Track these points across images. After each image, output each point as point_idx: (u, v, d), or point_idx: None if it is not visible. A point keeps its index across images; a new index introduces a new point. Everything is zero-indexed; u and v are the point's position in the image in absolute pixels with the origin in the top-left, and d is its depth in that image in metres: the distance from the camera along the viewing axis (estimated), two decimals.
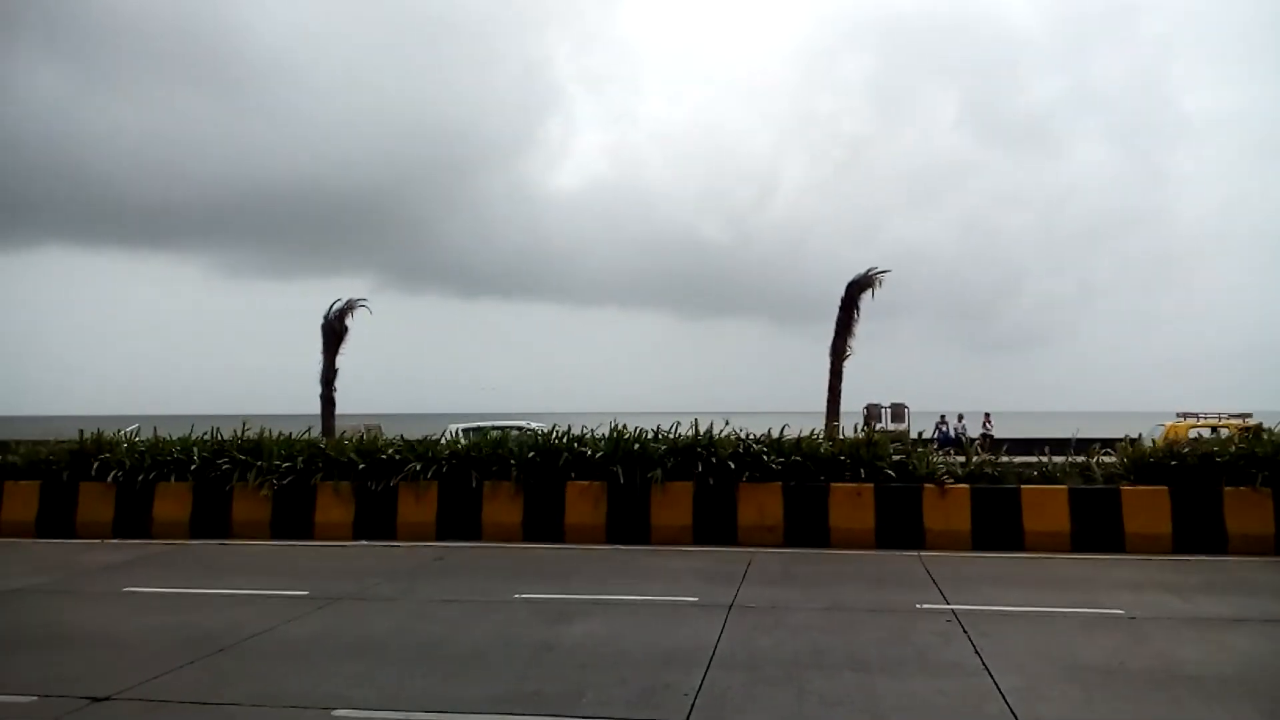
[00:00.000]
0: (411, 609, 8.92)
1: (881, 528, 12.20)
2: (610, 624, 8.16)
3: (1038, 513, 12.02)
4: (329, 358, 24.25)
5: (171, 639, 7.76)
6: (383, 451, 13.81)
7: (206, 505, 13.55)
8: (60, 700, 6.16)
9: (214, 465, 13.76)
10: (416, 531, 13.05)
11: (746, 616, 8.38)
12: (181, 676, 6.72)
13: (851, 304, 22.45)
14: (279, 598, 9.32)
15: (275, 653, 7.36)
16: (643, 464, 12.85)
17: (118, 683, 6.50)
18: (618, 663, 6.95)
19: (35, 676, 6.68)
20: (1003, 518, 12.06)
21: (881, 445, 13.13)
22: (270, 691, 6.34)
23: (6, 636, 8.05)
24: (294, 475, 13.49)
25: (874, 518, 12.25)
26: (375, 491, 13.33)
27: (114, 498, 13.66)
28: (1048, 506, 12.04)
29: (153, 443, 14.41)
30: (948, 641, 7.56)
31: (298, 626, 8.21)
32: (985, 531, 12.02)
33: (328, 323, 24.24)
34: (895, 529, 12.16)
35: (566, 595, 9.29)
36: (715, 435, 13.25)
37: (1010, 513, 12.06)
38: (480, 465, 13.30)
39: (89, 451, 14.17)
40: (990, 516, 12.09)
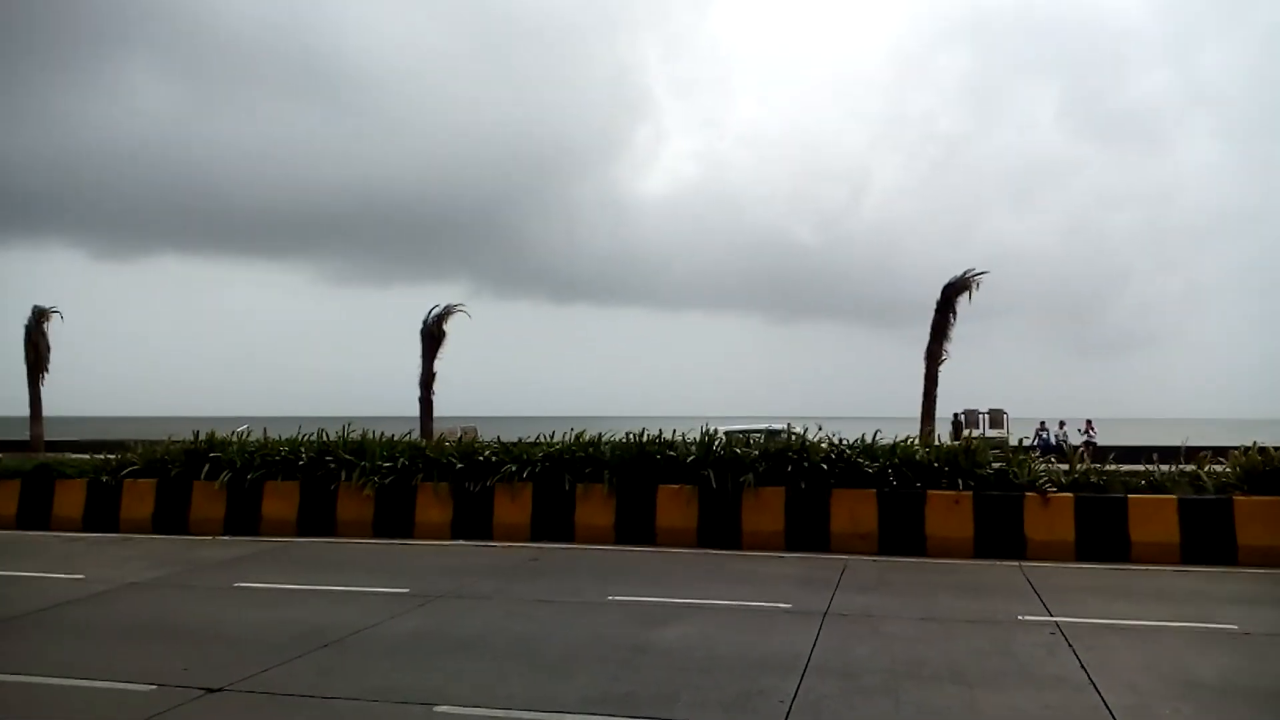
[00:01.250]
0: (508, 608, 9.09)
1: (980, 536, 11.94)
2: (703, 628, 8.18)
3: (1145, 523, 11.60)
4: (427, 362, 24.88)
5: (280, 634, 8.07)
6: (480, 453, 14.10)
7: (313, 504, 14.03)
8: (177, 690, 6.46)
9: (320, 465, 14.25)
10: (511, 532, 13.28)
11: (841, 624, 8.31)
12: (290, 670, 6.98)
13: (947, 307, 22.02)
14: (381, 595, 9.60)
15: (379, 649, 7.60)
16: (734, 468, 12.83)
17: (230, 675, 6.79)
18: (711, 667, 6.97)
19: (153, 667, 7.01)
20: (1108, 528, 11.67)
21: (980, 452, 12.84)
22: (375, 686, 6.55)
23: (126, 628, 8.48)
24: (395, 475, 13.87)
25: (972, 526, 11.99)
26: (472, 492, 13.61)
27: (225, 496, 14.25)
28: (1155, 517, 11.60)
29: (262, 443, 14.99)
30: (1051, 654, 7.37)
31: (400, 623, 8.45)
32: (1089, 542, 11.65)
33: (427, 328, 24.87)
34: (994, 538, 11.88)
35: (659, 598, 9.34)
36: (807, 440, 13.16)
37: (1116, 523, 11.67)
38: (573, 468, 13.46)
39: (202, 451, 14.82)
40: (1095, 526, 11.71)
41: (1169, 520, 11.55)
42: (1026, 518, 11.89)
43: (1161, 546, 11.44)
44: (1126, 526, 11.62)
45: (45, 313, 28.11)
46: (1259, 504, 11.48)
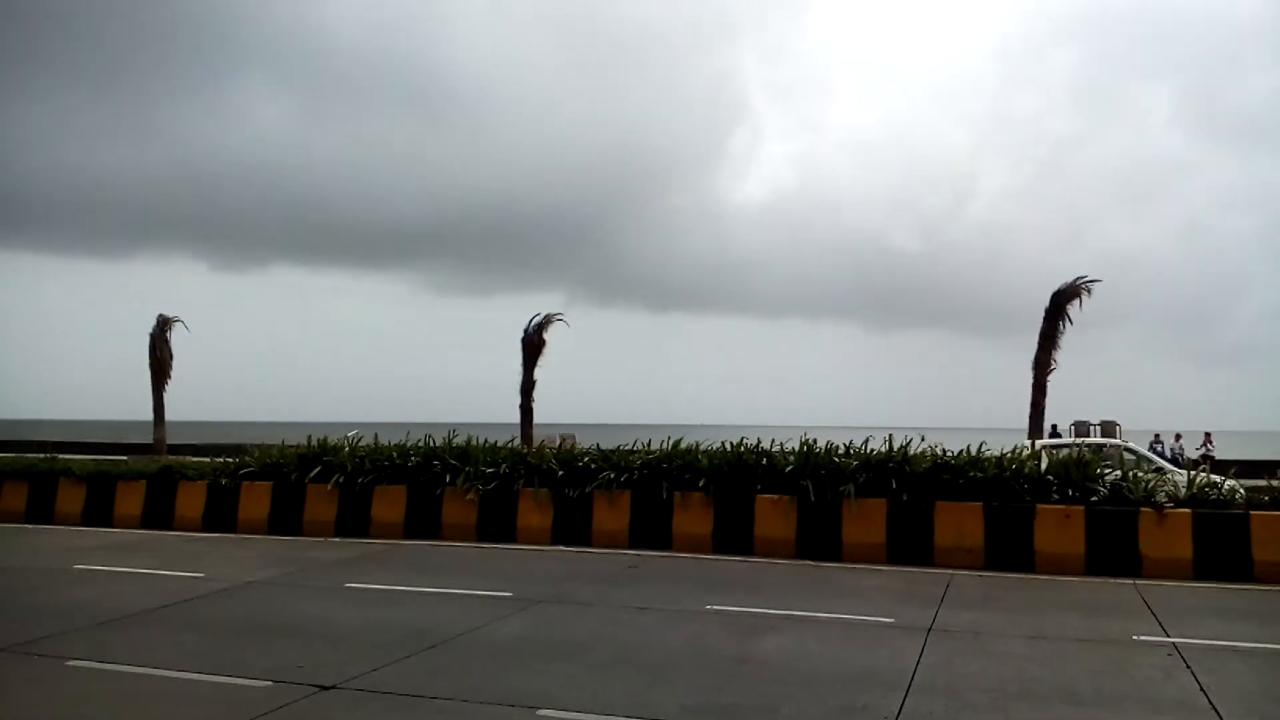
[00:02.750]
0: (608, 615, 9.18)
1: (1092, 552, 11.53)
2: (803, 641, 8.12)
3: (1269, 541, 11.03)
4: (528, 369, 25.29)
5: (388, 634, 8.32)
6: (579, 460, 14.28)
7: (419, 507, 14.41)
8: (291, 687, 6.71)
9: (426, 470, 14.63)
10: (610, 539, 13.40)
11: (946, 640, 8.14)
12: (398, 669, 7.19)
13: (1057, 314, 21.37)
14: (485, 598, 9.81)
15: (483, 650, 7.77)
16: (834, 479, 12.69)
17: (341, 673, 7.03)
18: (812, 680, 6.92)
19: (268, 664, 7.30)
20: (1229, 545, 11.14)
21: (1092, 464, 12.43)
22: (479, 687, 6.70)
23: (244, 625, 8.86)
24: (498, 481, 14.15)
25: (1084, 541, 11.59)
26: (572, 498, 13.79)
27: (336, 499, 14.75)
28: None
29: (371, 448, 15.48)
30: (1169, 676, 7.08)
31: (502, 626, 8.63)
32: (1208, 560, 11.14)
33: (527, 336, 25.30)
34: (1107, 554, 11.46)
35: (758, 609, 9.30)
36: (910, 451, 12.93)
37: (1238, 540, 11.13)
38: (671, 476, 13.51)
39: (314, 456, 15.37)
40: (1214, 543, 11.19)
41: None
42: (1141, 534, 11.44)
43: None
44: (1249, 544, 11.08)
45: (168, 321, 29.51)
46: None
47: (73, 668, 7.21)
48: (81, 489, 16.21)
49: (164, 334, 29.29)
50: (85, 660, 7.36)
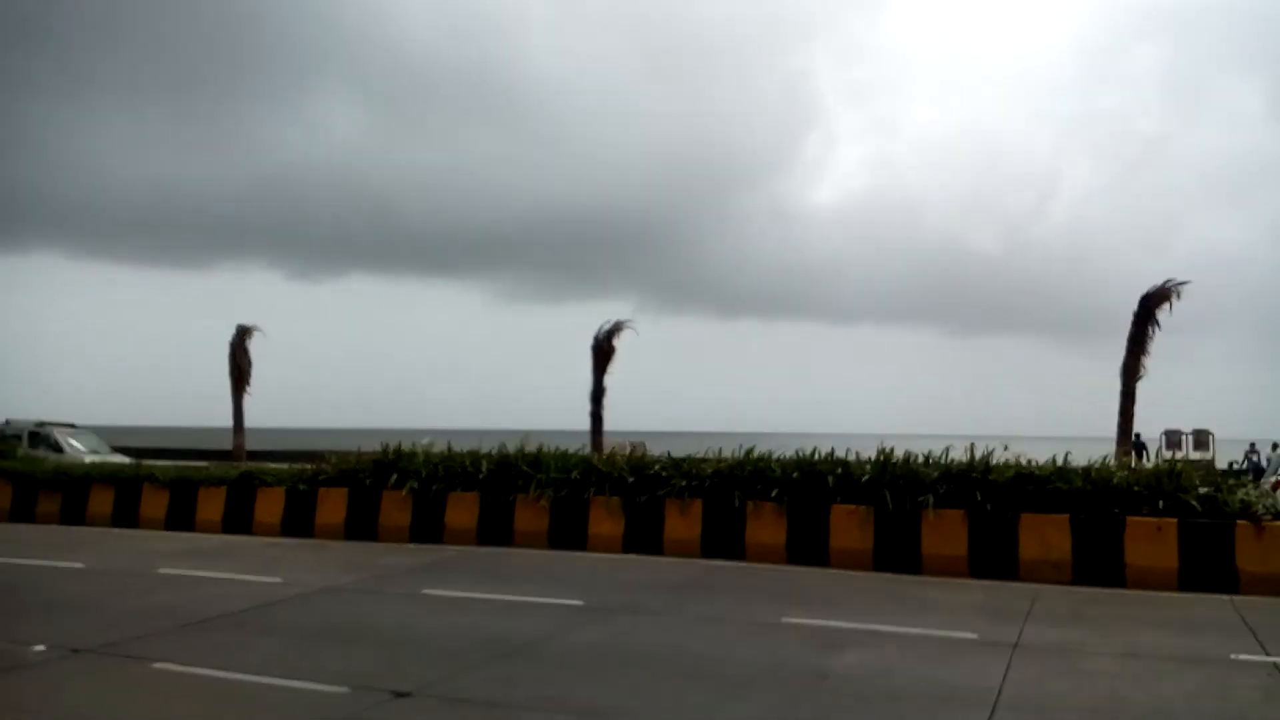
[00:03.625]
0: (682, 625, 9.07)
1: (1185, 567, 11.05)
2: (883, 655, 7.90)
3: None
4: (598, 376, 25.32)
5: (464, 641, 8.33)
6: (649, 468, 14.20)
7: (492, 514, 14.47)
8: (369, 693, 6.72)
9: (499, 477, 14.69)
10: (681, 548, 13.28)
11: (1033, 657, 7.84)
12: (474, 677, 7.18)
13: (1146, 319, 20.65)
14: (558, 606, 9.77)
15: (558, 659, 7.72)
16: (912, 489, 12.39)
17: (418, 680, 7.04)
18: (894, 697, 6.72)
19: (346, 669, 7.34)
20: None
21: (1186, 475, 11.93)
22: (556, 696, 6.64)
23: (321, 630, 8.95)
24: (569, 488, 14.14)
25: (1177, 556, 11.12)
26: (643, 506, 13.71)
27: (411, 505, 14.89)
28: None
29: (445, 454, 15.61)
30: (1270, 699, 6.73)
31: (577, 635, 8.57)
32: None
33: (597, 343, 25.33)
34: (1201, 569, 10.97)
35: (835, 622, 9.08)
36: (992, 461, 12.57)
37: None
38: (743, 484, 13.34)
39: (390, 462, 15.55)
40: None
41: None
42: (1239, 548, 10.92)
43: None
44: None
45: (247, 330, 30.23)
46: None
47: (157, 669, 7.35)
48: (165, 494, 16.66)
49: (243, 342, 30.01)
50: (169, 663, 7.49)
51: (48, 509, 17.32)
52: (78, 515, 17.01)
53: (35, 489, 17.58)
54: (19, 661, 7.53)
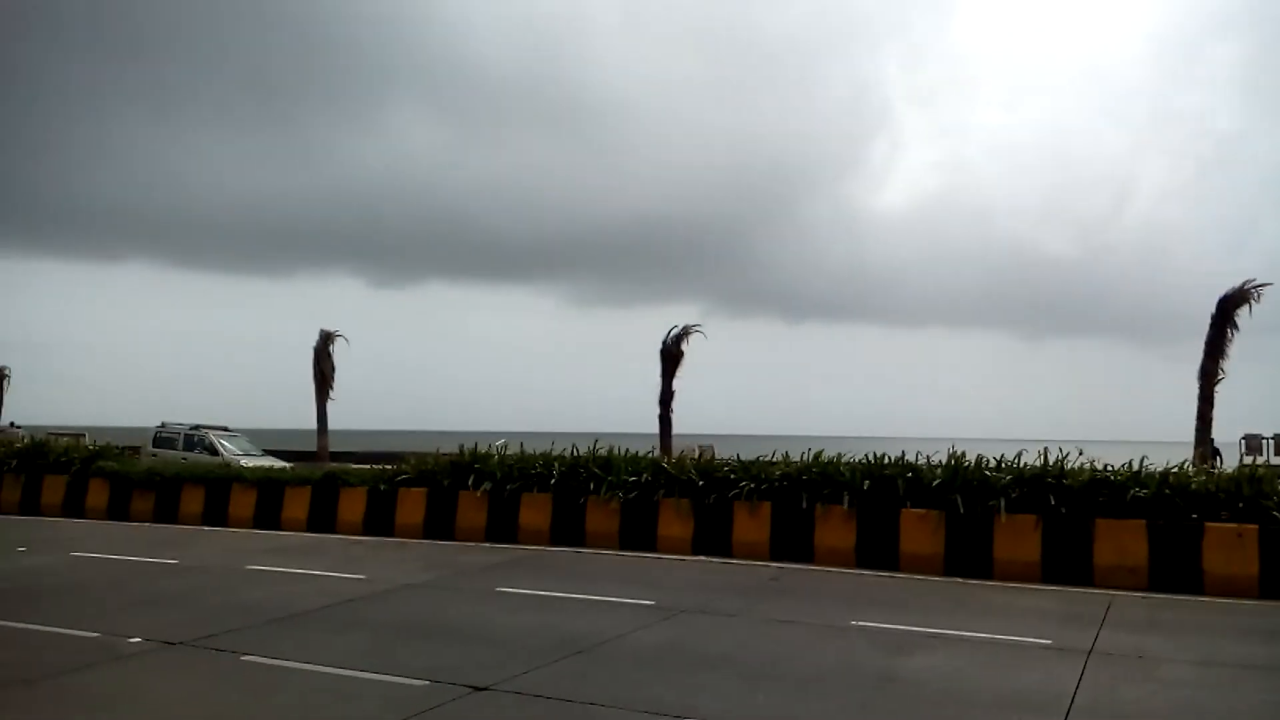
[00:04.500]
0: (752, 627, 9.18)
1: (1267, 574, 10.78)
2: (954, 660, 7.91)
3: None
4: (667, 380, 25.47)
5: (538, 638, 8.56)
6: (718, 470, 14.32)
7: (564, 515, 14.74)
8: (447, 687, 6.97)
9: (571, 479, 14.95)
10: (750, 550, 13.36)
11: (1108, 664, 7.77)
12: (548, 673, 7.39)
13: (1224, 321, 20.08)
14: (629, 606, 9.95)
15: (629, 658, 7.90)
16: (983, 493, 12.30)
17: (495, 675, 7.26)
18: (965, 702, 6.74)
19: (424, 664, 7.60)
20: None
21: (1267, 481, 11.62)
22: (627, 695, 6.81)
23: (403, 625, 9.27)
24: (639, 490, 14.34)
25: (1258, 563, 10.86)
26: (712, 509, 13.83)
27: (486, 505, 15.25)
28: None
29: (519, 456, 15.94)
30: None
31: (647, 635, 8.74)
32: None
33: (666, 348, 25.50)
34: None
35: (905, 626, 9.11)
36: (1066, 465, 12.40)
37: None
38: (811, 488, 13.37)
39: (466, 464, 15.94)
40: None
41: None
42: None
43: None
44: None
45: (331, 336, 31.16)
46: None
47: (246, 662, 7.68)
48: (252, 494, 17.30)
49: (326, 348, 30.92)
50: (257, 656, 7.83)
51: (142, 508, 18.11)
52: (170, 514, 17.76)
53: (130, 489, 18.39)
54: (117, 653, 7.94)
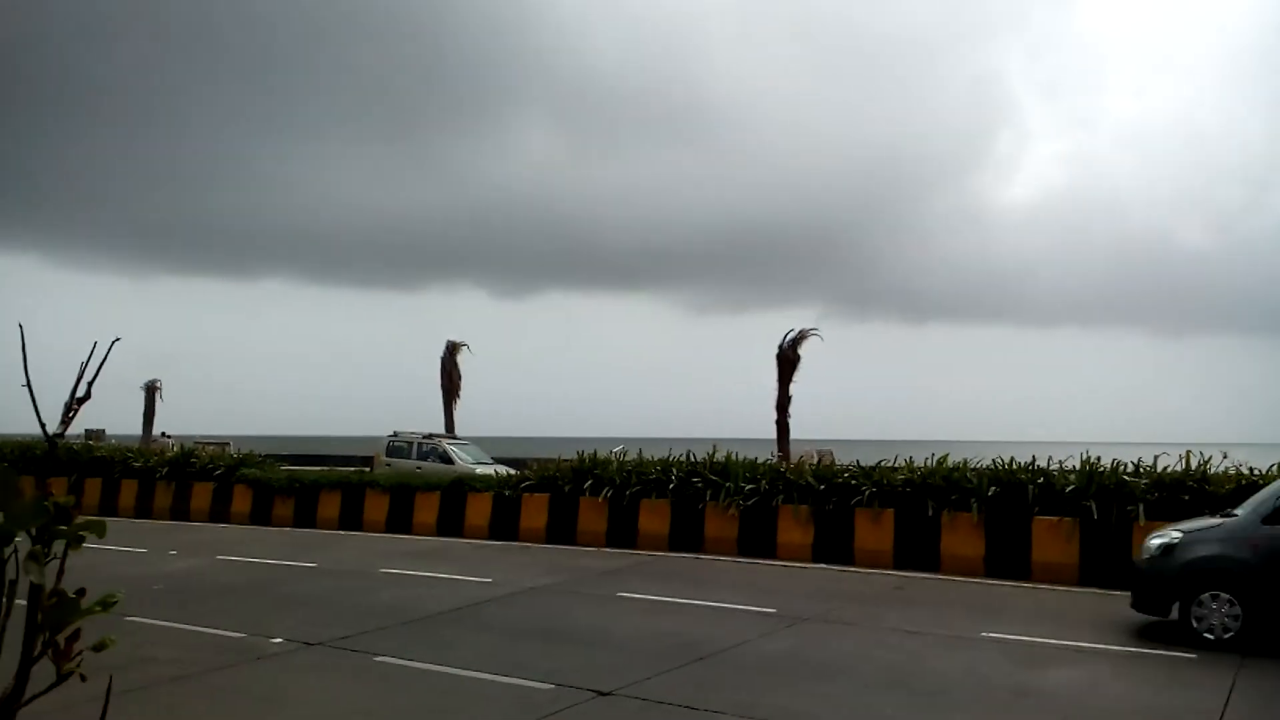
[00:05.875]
0: (876, 636, 9.03)
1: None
2: (1092, 673, 7.61)
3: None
4: (783, 385, 25.25)
5: (659, 643, 8.62)
6: (838, 476, 14.13)
7: (682, 521, 14.81)
8: (571, 691, 7.08)
9: (688, 485, 15.01)
10: (873, 558, 13.14)
11: (1262, 680, 7.36)
12: (669, 679, 7.43)
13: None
14: (749, 613, 9.93)
15: (751, 665, 7.87)
16: (1120, 499, 11.77)
17: (618, 679, 7.35)
18: (1104, 718, 6.48)
19: (549, 667, 7.74)
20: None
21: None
22: (749, 702, 6.80)
23: (528, 628, 9.47)
24: (758, 497, 14.28)
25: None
26: (832, 515, 13.66)
27: (606, 511, 15.45)
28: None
29: (637, 462, 16.09)
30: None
31: (769, 642, 8.70)
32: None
33: (782, 352, 25.29)
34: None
35: (1038, 638, 8.79)
36: (1208, 470, 11.77)
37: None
38: (937, 494, 13.06)
39: (586, 470, 16.19)
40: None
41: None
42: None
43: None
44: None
45: (457, 346, 32.15)
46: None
47: (380, 663, 7.97)
48: (385, 499, 17.97)
49: (453, 357, 31.90)
50: (390, 656, 8.12)
51: (282, 513, 19.02)
52: (309, 519, 18.60)
53: (272, 495, 19.34)
54: (260, 652, 8.35)
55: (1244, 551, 8.53)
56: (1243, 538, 8.64)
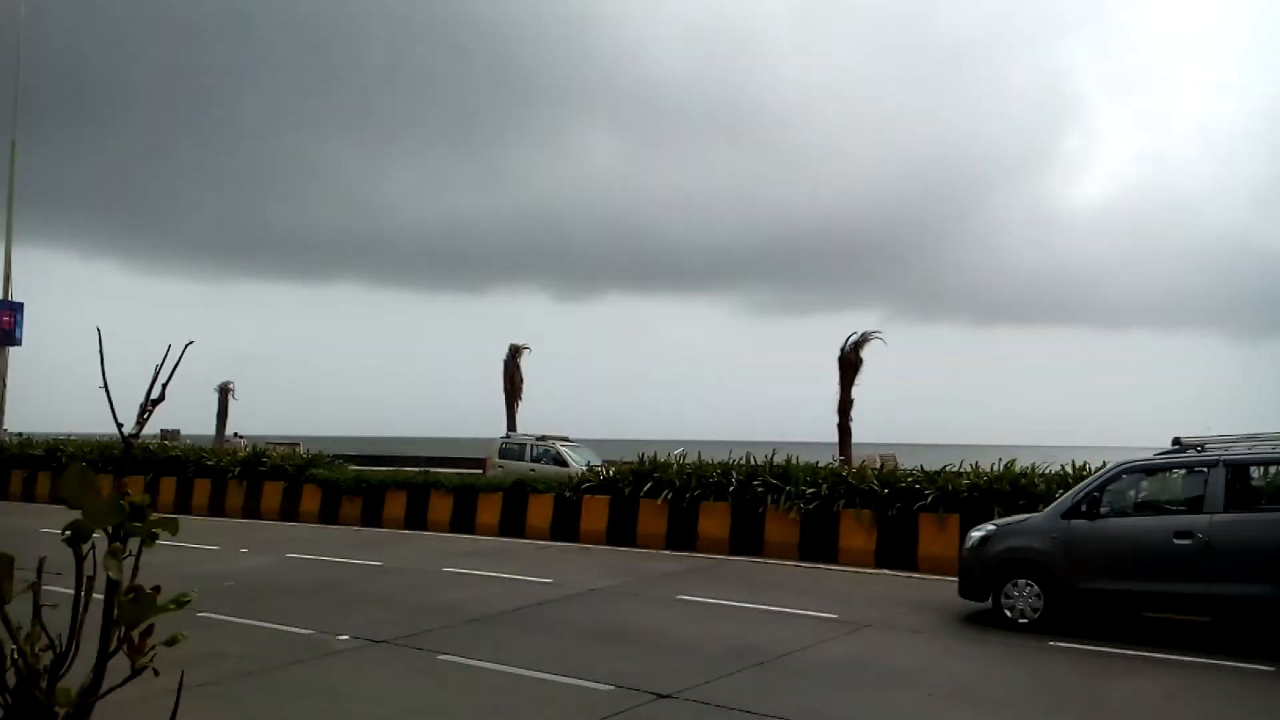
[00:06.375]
0: (941, 644, 8.89)
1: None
2: (1165, 685, 7.39)
3: None
4: (845, 388, 25.00)
5: (719, 647, 8.59)
6: (902, 481, 13.94)
7: (742, 524, 14.75)
8: (631, 693, 7.09)
9: (748, 488, 14.95)
10: (937, 564, 12.92)
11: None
12: (730, 683, 7.40)
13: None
14: (810, 618, 9.84)
15: (812, 671, 7.80)
16: None
17: (678, 682, 7.33)
18: None
19: (610, 669, 7.76)
20: None
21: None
22: (811, 709, 6.74)
23: (589, 630, 9.50)
24: (819, 501, 14.15)
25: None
26: (895, 520, 13.48)
27: (666, 513, 15.45)
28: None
29: (697, 465, 16.07)
30: None
31: (830, 648, 8.61)
32: None
33: (844, 355, 25.04)
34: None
35: (1110, 648, 8.56)
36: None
37: None
38: (1004, 500, 12.80)
39: (646, 472, 16.21)
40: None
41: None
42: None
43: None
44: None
45: (519, 348, 32.47)
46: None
47: (443, 661, 8.08)
48: (449, 500, 18.22)
49: (515, 360, 32.22)
50: (454, 655, 8.22)
51: (350, 512, 19.39)
52: (375, 518, 18.93)
53: (340, 494, 19.73)
54: (328, 649, 8.50)
55: (1045, 543, 9.58)
56: (1044, 531, 9.69)
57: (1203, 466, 9.11)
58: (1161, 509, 9.56)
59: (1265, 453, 9.14)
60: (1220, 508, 8.79)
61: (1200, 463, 9.16)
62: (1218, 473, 8.93)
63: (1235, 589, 8.50)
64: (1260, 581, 8.39)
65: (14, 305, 31.93)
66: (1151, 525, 9.23)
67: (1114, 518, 9.52)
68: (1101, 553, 9.29)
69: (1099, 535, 9.37)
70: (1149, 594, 9.02)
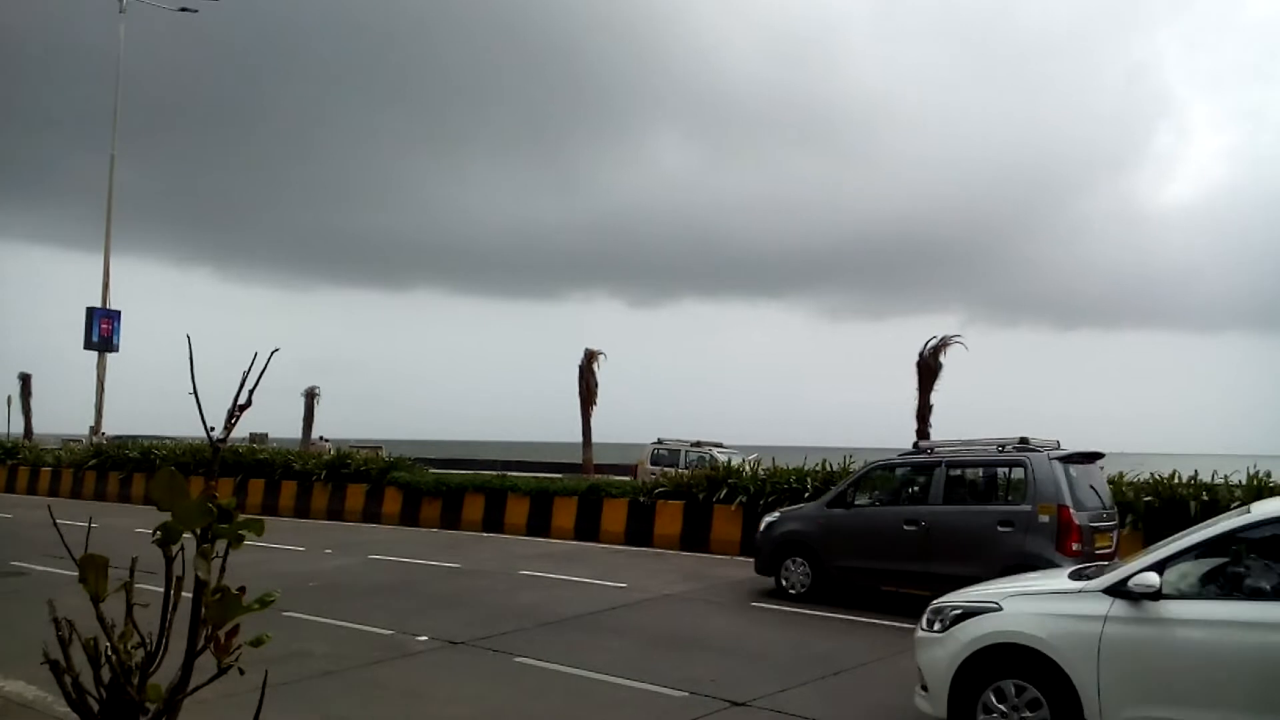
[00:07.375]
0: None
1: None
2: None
3: None
4: (923, 394, 24.52)
5: (793, 655, 8.54)
6: None
7: None
8: (705, 700, 7.09)
9: (823, 495, 14.75)
10: None
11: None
12: (804, 693, 7.34)
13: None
14: (889, 628, 9.68)
15: (889, 682, 7.68)
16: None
17: (752, 690, 7.31)
18: None
19: (683, 675, 7.78)
20: None
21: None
22: None
23: (662, 635, 9.51)
24: None
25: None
26: None
27: (740, 519, 15.38)
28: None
29: (771, 471, 15.96)
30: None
31: (907, 658, 8.43)
32: None
33: (922, 360, 24.57)
34: None
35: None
36: None
37: None
38: None
39: (720, 478, 16.17)
40: None
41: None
42: None
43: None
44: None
45: (594, 354, 32.62)
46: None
47: (518, 664, 8.19)
48: (525, 503, 18.43)
49: (590, 365, 32.37)
50: (528, 658, 8.33)
51: (429, 515, 19.75)
52: (454, 520, 19.25)
53: (420, 497, 20.10)
54: (407, 650, 8.68)
55: (812, 527, 11.43)
56: (813, 517, 11.56)
57: (929, 466, 10.73)
58: (898, 501, 11.18)
59: (975, 455, 10.69)
60: (940, 501, 10.48)
61: (928, 463, 10.80)
62: (940, 472, 10.58)
63: (948, 568, 9.77)
64: (964, 561, 9.65)
65: (112, 313, 33.36)
66: (888, 514, 10.93)
67: (862, 508, 11.26)
68: (851, 536, 11.02)
69: (850, 522, 11.16)
70: (885, 571, 10.89)
